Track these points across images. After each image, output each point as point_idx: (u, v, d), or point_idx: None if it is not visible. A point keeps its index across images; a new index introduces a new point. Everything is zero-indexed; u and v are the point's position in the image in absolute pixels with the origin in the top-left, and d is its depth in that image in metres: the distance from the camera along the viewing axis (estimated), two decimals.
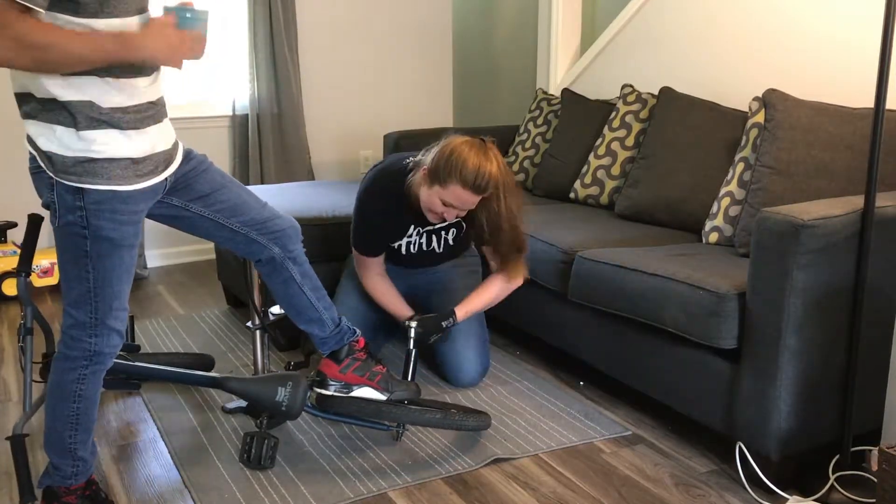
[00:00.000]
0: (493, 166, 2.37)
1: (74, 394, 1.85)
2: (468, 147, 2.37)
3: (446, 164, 2.35)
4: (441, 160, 2.37)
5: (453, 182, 2.35)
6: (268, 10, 4.20)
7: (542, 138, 3.77)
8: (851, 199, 2.12)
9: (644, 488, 2.13)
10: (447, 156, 2.36)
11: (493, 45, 5.69)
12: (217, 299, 3.72)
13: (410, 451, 2.31)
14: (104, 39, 1.62)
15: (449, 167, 2.35)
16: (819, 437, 2.11)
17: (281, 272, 2.12)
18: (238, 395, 2.23)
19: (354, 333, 2.24)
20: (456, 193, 2.37)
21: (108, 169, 1.71)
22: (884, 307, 2.12)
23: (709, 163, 2.88)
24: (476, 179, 2.34)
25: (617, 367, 2.54)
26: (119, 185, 1.73)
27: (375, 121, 4.78)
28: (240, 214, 2.02)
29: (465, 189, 2.36)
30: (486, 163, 2.36)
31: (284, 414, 2.19)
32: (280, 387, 2.17)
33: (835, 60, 2.83)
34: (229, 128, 4.39)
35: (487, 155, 2.38)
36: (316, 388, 2.22)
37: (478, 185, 2.35)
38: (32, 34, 1.56)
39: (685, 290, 2.21)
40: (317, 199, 3.29)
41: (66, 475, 1.92)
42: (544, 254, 2.77)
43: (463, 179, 2.34)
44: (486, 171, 2.35)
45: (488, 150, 2.40)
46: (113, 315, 1.82)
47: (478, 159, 2.35)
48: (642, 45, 3.70)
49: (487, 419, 2.35)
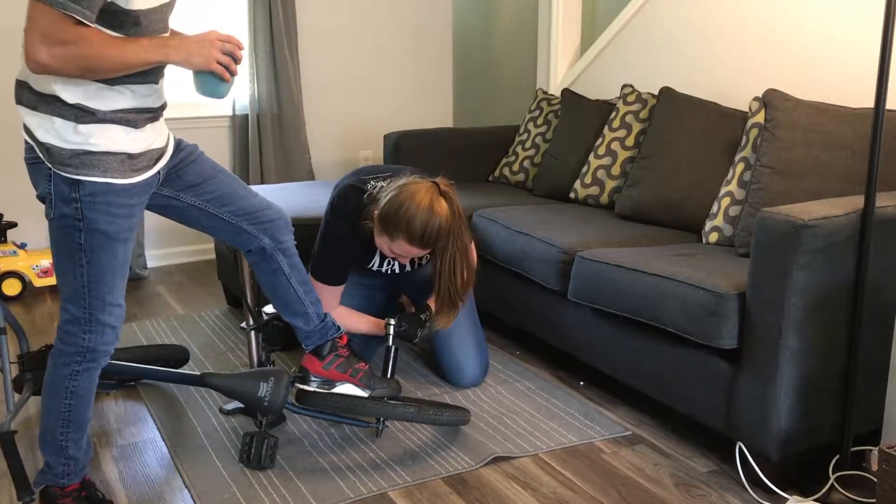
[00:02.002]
0: (444, 218, 2.29)
1: (67, 390, 1.85)
2: (419, 199, 2.27)
3: (395, 217, 2.28)
4: (391, 211, 2.29)
5: (400, 236, 2.29)
6: (268, 10, 4.20)
7: (542, 138, 3.77)
8: (851, 199, 2.12)
9: (644, 488, 2.13)
10: (396, 208, 2.27)
11: (493, 45, 5.69)
12: (217, 299, 3.72)
13: (410, 451, 2.31)
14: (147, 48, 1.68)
15: (397, 221, 2.27)
16: (819, 437, 2.11)
17: (269, 263, 2.12)
18: (221, 391, 2.23)
19: (338, 330, 2.26)
20: (402, 247, 2.32)
21: (105, 162, 1.72)
22: (884, 307, 2.12)
23: (709, 163, 2.88)
24: (423, 236, 2.28)
25: (617, 367, 2.54)
26: (115, 178, 1.74)
27: (375, 121, 4.78)
28: (230, 204, 2.02)
29: (412, 245, 2.30)
30: (436, 216, 2.27)
31: (266, 409, 2.19)
32: (262, 382, 2.17)
33: (835, 60, 2.83)
34: (229, 128, 4.39)
35: (440, 205, 2.29)
36: (298, 384, 2.24)
37: (424, 241, 2.29)
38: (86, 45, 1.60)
39: (685, 290, 2.21)
40: (317, 199, 3.29)
41: (59, 475, 1.92)
42: (544, 254, 2.77)
43: (409, 235, 2.27)
44: (435, 225, 2.27)
45: (441, 198, 2.31)
46: (107, 311, 1.82)
47: (427, 215, 2.26)
48: (642, 45, 3.70)
49: (466, 414, 2.36)
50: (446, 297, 2.43)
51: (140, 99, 1.77)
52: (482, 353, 2.77)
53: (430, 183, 2.34)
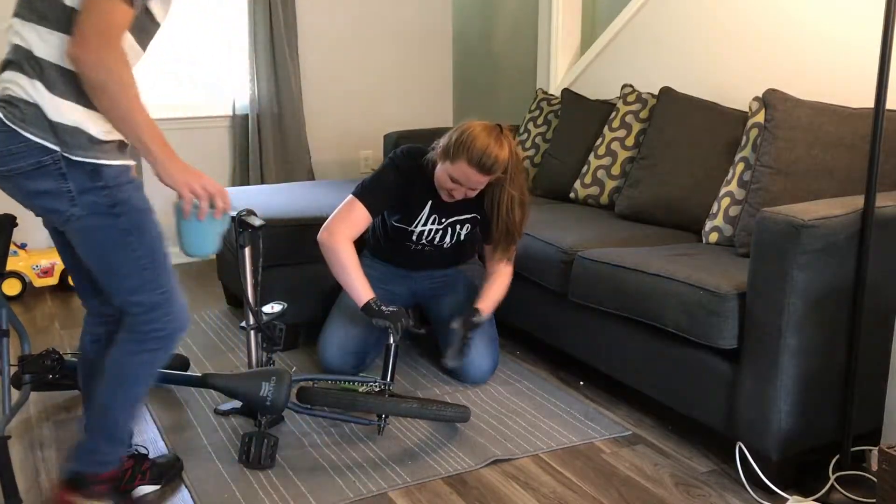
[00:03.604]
0: (503, 150, 2.47)
1: (144, 378, 1.81)
2: (481, 129, 2.47)
3: (457, 141, 2.47)
4: (454, 137, 2.49)
5: (461, 159, 2.45)
6: (268, 10, 4.20)
7: (542, 138, 3.77)
8: (851, 199, 2.12)
9: (644, 488, 2.13)
10: (459, 134, 2.47)
11: (493, 45, 5.69)
12: (217, 299, 3.72)
13: (410, 451, 2.31)
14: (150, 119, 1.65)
15: (459, 145, 2.46)
16: (819, 437, 2.11)
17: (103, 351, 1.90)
18: (223, 391, 2.23)
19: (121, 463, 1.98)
20: (462, 170, 2.46)
21: (111, 146, 1.69)
22: (884, 307, 2.12)
23: (709, 163, 2.88)
24: (482, 159, 2.43)
25: (617, 367, 2.54)
26: (124, 159, 1.71)
27: (375, 121, 4.78)
28: None
29: (471, 167, 2.45)
30: (496, 146, 2.45)
31: (269, 409, 2.19)
32: (264, 382, 2.17)
33: (835, 60, 2.83)
34: (229, 128, 4.39)
35: (499, 139, 2.47)
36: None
37: (483, 164, 2.44)
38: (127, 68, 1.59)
39: (685, 290, 2.21)
40: (317, 199, 3.29)
41: (106, 461, 1.86)
42: (544, 254, 2.77)
43: (469, 157, 2.44)
44: (494, 152, 2.44)
45: (502, 135, 2.49)
46: (174, 283, 1.77)
47: (487, 141, 2.44)
48: (642, 45, 3.70)
49: (466, 412, 2.37)
50: (504, 231, 2.61)
51: None
52: (495, 351, 2.78)
53: (493, 124, 2.52)
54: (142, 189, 1.75)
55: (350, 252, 2.55)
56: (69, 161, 1.63)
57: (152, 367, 1.82)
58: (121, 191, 1.69)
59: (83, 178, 1.64)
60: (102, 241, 1.69)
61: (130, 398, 1.83)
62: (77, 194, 1.65)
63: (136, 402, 1.85)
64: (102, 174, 1.66)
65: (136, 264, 1.71)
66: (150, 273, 1.72)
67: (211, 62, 4.32)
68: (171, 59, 4.21)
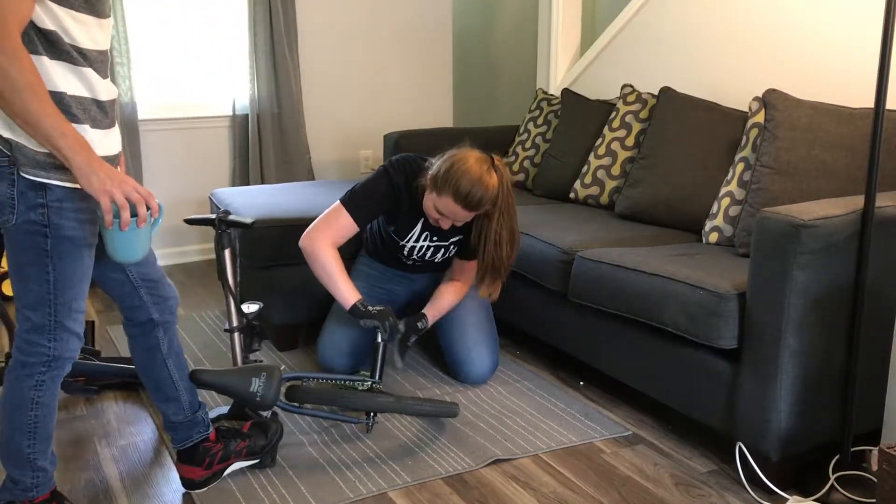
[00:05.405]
0: (492, 186, 2.39)
1: (32, 401, 1.78)
2: (473, 162, 2.39)
3: (445, 173, 2.38)
4: (443, 168, 2.40)
5: (447, 193, 2.38)
6: (268, 10, 4.20)
7: (542, 138, 3.77)
8: (851, 199, 2.12)
9: (644, 488, 2.13)
10: (449, 166, 2.39)
11: (493, 45, 5.69)
12: (217, 299, 3.72)
13: (410, 452, 2.31)
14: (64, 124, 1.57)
15: (447, 178, 2.37)
16: (819, 437, 2.11)
17: (149, 338, 2.00)
18: (212, 387, 2.22)
19: (207, 429, 2.12)
20: (448, 205, 2.40)
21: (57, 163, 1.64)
22: (884, 307, 2.12)
23: (709, 163, 2.88)
24: (468, 196, 2.36)
25: (617, 367, 2.54)
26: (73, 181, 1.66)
27: (375, 121, 4.78)
28: (142, 265, 1.91)
29: (457, 203, 2.38)
30: (484, 180, 2.37)
31: (259, 405, 2.19)
32: (254, 377, 2.17)
33: (835, 60, 2.83)
34: (229, 128, 4.39)
35: (490, 173, 2.39)
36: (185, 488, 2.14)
37: (469, 201, 2.37)
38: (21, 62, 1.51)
39: (685, 290, 2.21)
40: (317, 199, 3.29)
41: (27, 487, 1.84)
42: (544, 254, 2.77)
43: (455, 193, 2.37)
44: (480, 191, 2.37)
45: (493, 167, 2.41)
46: (72, 317, 1.76)
47: (476, 175, 2.36)
48: (642, 45, 3.70)
49: (452, 407, 2.38)
50: (490, 266, 2.52)
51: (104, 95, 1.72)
52: (494, 351, 2.78)
53: (485, 155, 2.44)
54: (90, 222, 1.72)
55: (332, 257, 2.52)
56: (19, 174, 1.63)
57: (42, 391, 1.79)
58: (58, 215, 1.66)
59: (30, 191, 1.64)
60: (20, 250, 1.70)
61: (28, 422, 1.79)
62: (18, 204, 1.65)
63: (38, 426, 1.80)
64: (48, 192, 1.65)
65: (44, 286, 1.71)
66: (51, 297, 1.72)
67: (211, 62, 4.32)
68: (170, 59, 4.21)
